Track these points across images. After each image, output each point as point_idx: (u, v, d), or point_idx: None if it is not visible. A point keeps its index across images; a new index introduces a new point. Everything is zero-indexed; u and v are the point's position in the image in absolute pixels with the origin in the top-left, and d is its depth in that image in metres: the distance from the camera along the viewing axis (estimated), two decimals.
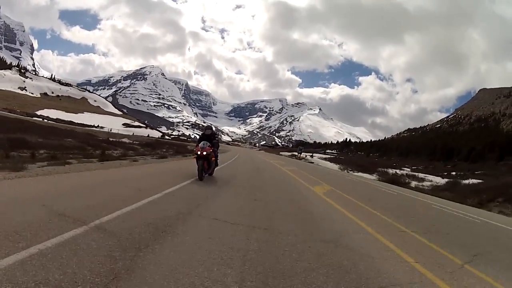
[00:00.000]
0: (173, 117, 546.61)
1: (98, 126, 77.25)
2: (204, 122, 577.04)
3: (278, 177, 14.62)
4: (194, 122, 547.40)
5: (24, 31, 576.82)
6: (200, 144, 8.75)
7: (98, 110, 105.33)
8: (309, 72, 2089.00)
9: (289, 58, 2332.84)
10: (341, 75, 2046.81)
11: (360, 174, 31.47)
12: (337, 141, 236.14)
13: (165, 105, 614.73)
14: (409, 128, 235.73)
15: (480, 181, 27.29)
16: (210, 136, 9.37)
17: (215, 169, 10.02)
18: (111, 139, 35.78)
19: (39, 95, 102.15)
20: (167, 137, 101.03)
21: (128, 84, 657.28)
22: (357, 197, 10.56)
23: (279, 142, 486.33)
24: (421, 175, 34.56)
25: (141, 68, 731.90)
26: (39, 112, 76.02)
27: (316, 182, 14.18)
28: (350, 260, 3.60)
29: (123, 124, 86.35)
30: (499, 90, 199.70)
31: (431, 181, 28.71)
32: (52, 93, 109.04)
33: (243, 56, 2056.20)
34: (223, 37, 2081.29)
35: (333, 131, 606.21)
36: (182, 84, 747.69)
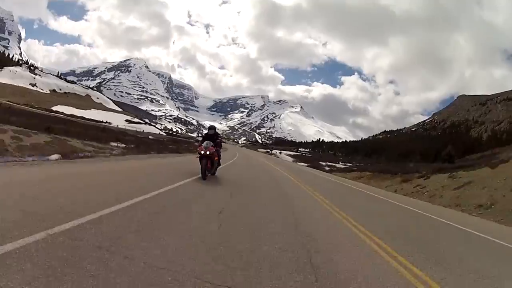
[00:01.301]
0: (156, 111, 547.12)
1: (106, 122, 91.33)
2: (186, 116, 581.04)
3: (254, 159, 32.40)
4: (177, 116, 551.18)
5: (13, 21, 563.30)
6: (204, 144, 8.94)
7: (101, 107, 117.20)
8: (292, 70, 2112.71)
9: (272, 55, 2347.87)
10: (324, 74, 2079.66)
11: (301, 163, 50.53)
12: (312, 140, 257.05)
13: (148, 98, 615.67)
14: (385, 131, 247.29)
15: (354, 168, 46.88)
16: (213, 136, 9.72)
17: (218, 168, 10.42)
18: (139, 136, 51.74)
19: (48, 92, 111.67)
20: (162, 133, 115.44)
21: (112, 76, 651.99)
22: (284, 168, 28.51)
23: (259, 138, 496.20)
24: (338, 165, 54.12)
25: (125, 60, 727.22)
26: (54, 108, 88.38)
27: (269, 164, 32.13)
28: (277, 183, 21.20)
29: (126, 120, 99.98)
30: (478, 97, 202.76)
31: (335, 167, 48.18)
32: (60, 89, 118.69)
33: (227, 52, 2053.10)
34: (208, 32, 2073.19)
35: (313, 130, 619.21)
36: (165, 77, 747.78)
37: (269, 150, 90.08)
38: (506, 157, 21.58)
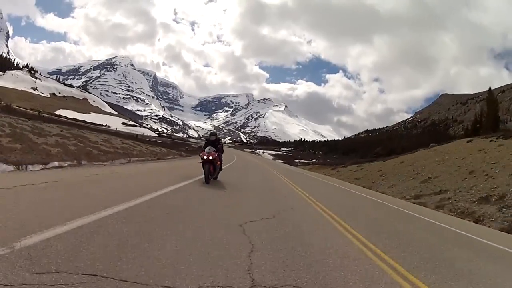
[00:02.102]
0: (141, 110, 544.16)
1: (105, 125, 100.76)
2: (172, 116, 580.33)
3: (243, 157, 44.62)
4: (162, 116, 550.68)
5: (2, 18, 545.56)
6: (206, 149, 9.36)
7: (98, 110, 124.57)
8: (276, 68, 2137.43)
9: (257, 53, 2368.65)
10: (308, 72, 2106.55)
11: (279, 160, 63.85)
12: (294, 140, 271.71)
13: (134, 97, 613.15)
14: (367, 129, 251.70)
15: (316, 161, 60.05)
16: (215, 142, 10.11)
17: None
18: (150, 139, 62.57)
19: (49, 95, 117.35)
20: (154, 134, 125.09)
21: (98, 74, 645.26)
22: (263, 162, 40.92)
23: (244, 138, 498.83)
24: (307, 161, 67.79)
25: (111, 58, 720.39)
26: (57, 112, 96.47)
27: (253, 160, 44.51)
28: (263, 170, 33.47)
29: (122, 123, 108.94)
30: (459, 96, 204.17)
31: (304, 162, 61.48)
32: (59, 93, 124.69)
33: (212, 49, 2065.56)
34: (193, 30, 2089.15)
35: (297, 129, 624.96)
36: (150, 76, 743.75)
37: (253, 150, 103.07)
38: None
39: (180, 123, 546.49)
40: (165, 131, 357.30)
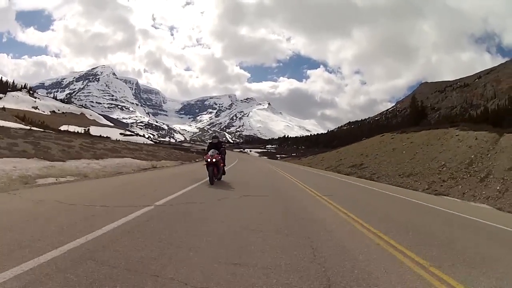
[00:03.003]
0: (126, 118, 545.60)
1: (106, 136, 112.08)
2: (157, 122, 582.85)
3: (239, 156, 58.64)
4: (147, 122, 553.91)
5: None
6: (210, 152, 9.70)
7: (96, 123, 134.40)
8: (257, 67, 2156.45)
9: (237, 53, 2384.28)
10: (289, 69, 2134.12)
11: (263, 157, 78.22)
12: (278, 137, 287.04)
13: (119, 106, 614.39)
14: (349, 122, 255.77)
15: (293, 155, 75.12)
16: (218, 145, 10.49)
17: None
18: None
19: (49, 113, 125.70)
20: (151, 142, 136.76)
21: (81, 86, 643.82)
22: (253, 159, 55.15)
23: (229, 138, 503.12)
24: (286, 156, 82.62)
25: (92, 69, 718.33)
26: (61, 128, 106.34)
27: (244, 157, 58.61)
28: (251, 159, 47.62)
29: (120, 134, 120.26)
30: (439, 84, 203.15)
31: (283, 157, 76.19)
32: (59, 110, 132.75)
33: (192, 53, 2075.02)
34: (172, 34, 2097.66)
35: (282, 125, 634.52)
36: (133, 83, 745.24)
37: (242, 149, 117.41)
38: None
39: (166, 127, 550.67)
40: (151, 137, 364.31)
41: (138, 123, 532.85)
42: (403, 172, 20.95)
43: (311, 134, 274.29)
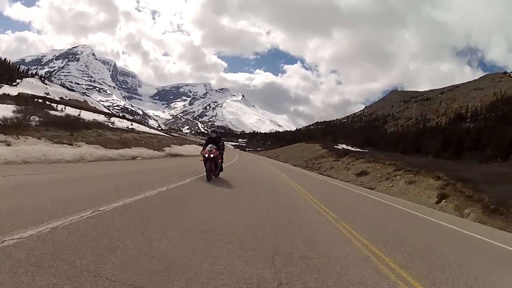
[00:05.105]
0: (104, 101, 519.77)
1: (131, 128, 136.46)
2: (132, 106, 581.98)
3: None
4: (123, 106, 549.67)
5: None
6: (207, 147, 9.44)
7: (96, 110, 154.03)
8: (235, 58, 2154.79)
9: (216, 42, 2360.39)
10: (266, 62, 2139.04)
11: (237, 149, 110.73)
12: (249, 132, 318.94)
13: (96, 88, 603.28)
14: (317, 122, 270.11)
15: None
16: (216, 139, 10.12)
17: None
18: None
19: (59, 99, 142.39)
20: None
21: (60, 64, 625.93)
22: (230, 150, 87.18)
23: (202, 127, 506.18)
24: (251, 149, 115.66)
25: (73, 47, 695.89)
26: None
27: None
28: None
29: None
30: (408, 93, 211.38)
31: (251, 150, 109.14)
32: (66, 97, 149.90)
33: (172, 39, 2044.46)
34: (154, 18, 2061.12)
35: (254, 118, 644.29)
36: (111, 65, 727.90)
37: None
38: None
39: (141, 113, 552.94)
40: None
41: (114, 106, 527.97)
42: (293, 158, 54.70)
43: (277, 131, 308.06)
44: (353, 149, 58.69)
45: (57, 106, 35.93)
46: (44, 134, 10.27)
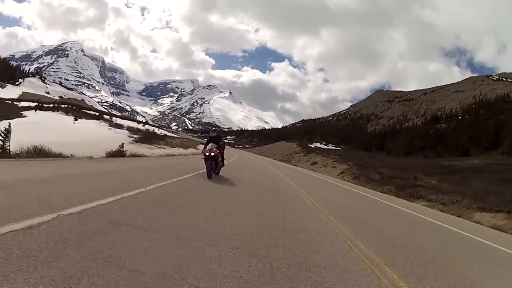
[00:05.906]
0: (92, 97, 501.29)
1: (164, 134, 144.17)
2: (120, 102, 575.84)
3: None
4: (112, 102, 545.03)
5: None
6: (208, 146, 9.56)
7: (93, 109, 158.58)
8: (223, 54, 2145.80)
9: (204, 39, 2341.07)
10: (254, 60, 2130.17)
11: (226, 146, 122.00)
12: (236, 130, 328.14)
13: (85, 84, 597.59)
14: (303, 120, 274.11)
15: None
16: (216, 138, 10.25)
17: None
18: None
19: (58, 98, 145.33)
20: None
21: (50, 60, 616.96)
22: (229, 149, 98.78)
23: (189, 124, 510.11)
24: (240, 146, 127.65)
25: (62, 44, 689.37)
26: None
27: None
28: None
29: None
30: (392, 93, 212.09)
31: (239, 147, 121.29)
32: (65, 96, 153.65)
33: (160, 35, 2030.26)
34: (143, 15, 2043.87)
35: (241, 115, 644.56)
36: (99, 61, 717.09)
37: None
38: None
39: (129, 109, 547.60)
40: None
41: (103, 102, 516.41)
42: (274, 154, 66.96)
43: (264, 128, 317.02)
44: (325, 147, 71.22)
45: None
46: (146, 143, 21.66)
